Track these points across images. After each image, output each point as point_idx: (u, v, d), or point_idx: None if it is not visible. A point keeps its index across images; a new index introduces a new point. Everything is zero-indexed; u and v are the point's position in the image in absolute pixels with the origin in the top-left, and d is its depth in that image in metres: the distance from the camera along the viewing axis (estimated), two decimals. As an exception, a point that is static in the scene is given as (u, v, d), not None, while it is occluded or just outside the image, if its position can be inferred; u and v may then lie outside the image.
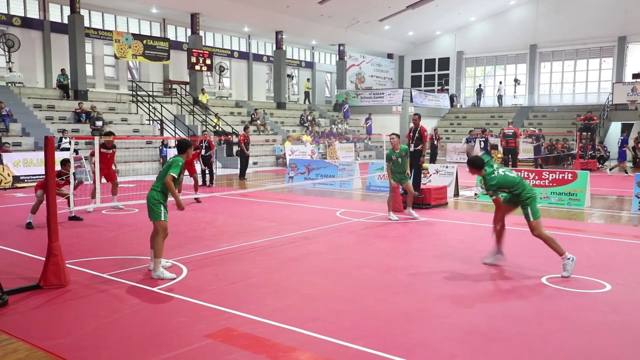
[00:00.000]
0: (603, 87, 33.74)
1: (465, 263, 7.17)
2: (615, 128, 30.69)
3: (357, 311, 5.31)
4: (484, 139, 22.47)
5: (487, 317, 5.21)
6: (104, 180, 12.92)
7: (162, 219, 6.41)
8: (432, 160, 22.44)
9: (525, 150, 25.47)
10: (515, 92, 36.57)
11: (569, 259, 6.42)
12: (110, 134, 12.61)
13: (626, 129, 29.52)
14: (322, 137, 28.23)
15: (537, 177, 12.83)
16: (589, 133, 24.67)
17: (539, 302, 5.61)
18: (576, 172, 12.65)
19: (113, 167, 12.09)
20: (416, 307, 5.48)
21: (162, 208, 6.43)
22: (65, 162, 9.68)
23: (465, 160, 7.26)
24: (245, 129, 19.64)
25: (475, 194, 13.58)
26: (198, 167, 16.24)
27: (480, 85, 38.04)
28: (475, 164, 6.77)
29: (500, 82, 37.66)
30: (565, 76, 35.62)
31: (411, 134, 12.17)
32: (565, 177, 12.49)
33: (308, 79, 36.60)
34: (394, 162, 10.37)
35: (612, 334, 4.80)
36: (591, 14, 32.76)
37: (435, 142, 23.42)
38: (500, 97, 37.10)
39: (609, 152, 25.96)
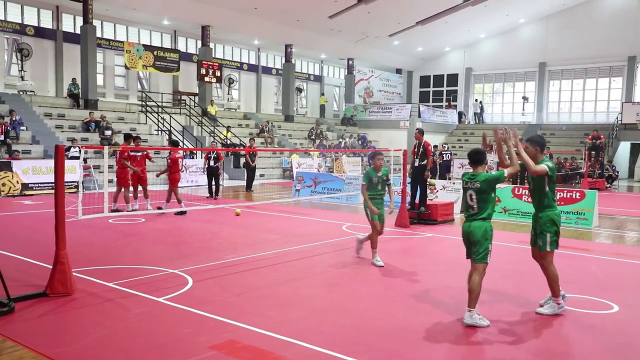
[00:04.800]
0: (612, 106, 33.65)
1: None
2: (624, 148, 30.59)
3: (362, 326, 5.29)
4: (447, 152, 23.46)
5: (492, 335, 5.17)
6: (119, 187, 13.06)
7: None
8: (442, 175, 22.43)
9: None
10: (523, 109, 36.56)
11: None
12: (129, 136, 13.17)
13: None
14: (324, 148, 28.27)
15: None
16: (597, 152, 24.61)
17: (545, 322, 5.56)
18: (584, 191, 12.59)
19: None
20: (422, 323, 5.45)
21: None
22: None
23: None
24: (251, 140, 19.70)
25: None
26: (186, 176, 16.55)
27: (477, 100, 38.19)
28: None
29: (476, 100, 38.15)
30: (574, 95, 35.57)
31: (415, 150, 12.21)
32: (573, 196, 12.43)
33: (322, 94, 36.79)
34: (373, 186, 8.08)
35: (619, 356, 4.76)
36: (601, 33, 32.77)
37: (446, 158, 23.39)
38: (476, 115, 37.64)
39: (618, 172, 25.84)
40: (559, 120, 35.55)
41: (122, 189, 12.68)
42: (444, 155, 23.38)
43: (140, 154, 12.88)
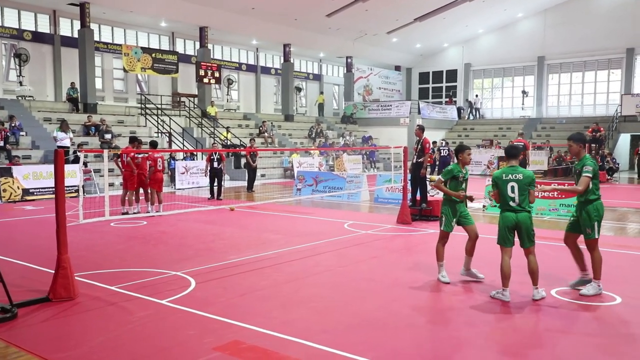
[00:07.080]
0: (611, 98, 33.61)
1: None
2: (624, 140, 30.57)
3: (365, 324, 5.28)
4: (445, 148, 23.78)
5: (498, 330, 5.17)
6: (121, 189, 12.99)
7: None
8: (440, 171, 22.57)
9: (535, 162, 25.40)
10: (523, 103, 36.53)
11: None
12: (134, 139, 13.15)
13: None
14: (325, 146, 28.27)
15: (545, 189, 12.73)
16: (597, 144, 24.60)
17: (549, 315, 5.56)
18: (585, 184, 12.53)
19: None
20: (425, 321, 5.45)
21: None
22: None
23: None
24: (252, 141, 19.70)
25: (484, 206, 13.51)
26: (184, 178, 16.59)
27: (477, 96, 38.25)
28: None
29: (477, 95, 38.31)
30: (574, 88, 35.53)
31: (416, 146, 12.22)
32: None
33: (321, 92, 36.77)
34: (457, 184, 7.05)
35: (623, 347, 4.75)
36: (599, 25, 32.73)
37: (444, 154, 23.56)
38: (477, 110, 37.75)
39: (618, 164, 25.83)
40: (559, 114, 35.51)
41: (127, 192, 12.75)
42: (442, 151, 23.50)
43: (141, 156, 12.87)
